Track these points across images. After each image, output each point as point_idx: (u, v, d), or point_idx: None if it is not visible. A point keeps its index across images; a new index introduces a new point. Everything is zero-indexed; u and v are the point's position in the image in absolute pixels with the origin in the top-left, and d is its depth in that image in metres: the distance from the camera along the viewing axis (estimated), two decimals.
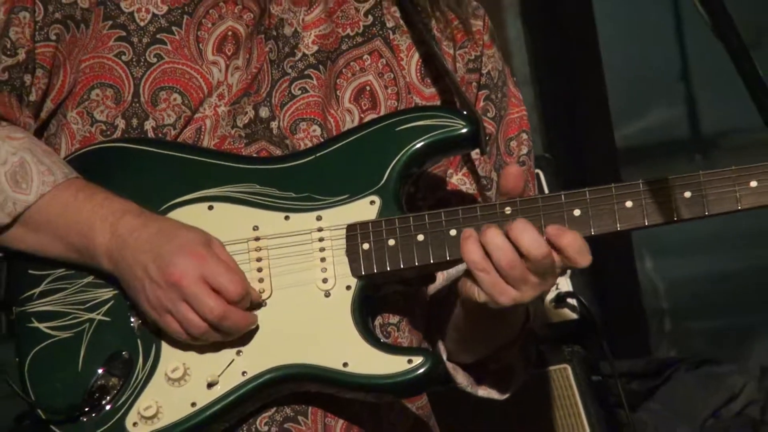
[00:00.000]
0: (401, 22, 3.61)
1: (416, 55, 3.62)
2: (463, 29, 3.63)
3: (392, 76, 3.60)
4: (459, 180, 3.67)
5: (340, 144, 3.51)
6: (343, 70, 3.58)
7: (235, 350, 3.47)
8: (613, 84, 7.03)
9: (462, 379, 3.73)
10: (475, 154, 3.64)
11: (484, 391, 3.73)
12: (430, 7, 3.61)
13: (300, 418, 3.56)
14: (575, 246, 3.35)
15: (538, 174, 5.36)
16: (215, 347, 3.47)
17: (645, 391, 6.15)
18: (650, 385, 6.15)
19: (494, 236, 3.34)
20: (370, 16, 3.60)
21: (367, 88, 3.58)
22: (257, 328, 3.47)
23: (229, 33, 3.54)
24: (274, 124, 3.53)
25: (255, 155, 3.53)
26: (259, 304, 3.47)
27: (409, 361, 3.44)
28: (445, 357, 3.71)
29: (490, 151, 3.66)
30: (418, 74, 3.62)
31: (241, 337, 3.47)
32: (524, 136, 3.73)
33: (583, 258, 3.37)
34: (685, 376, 6.19)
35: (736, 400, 6.10)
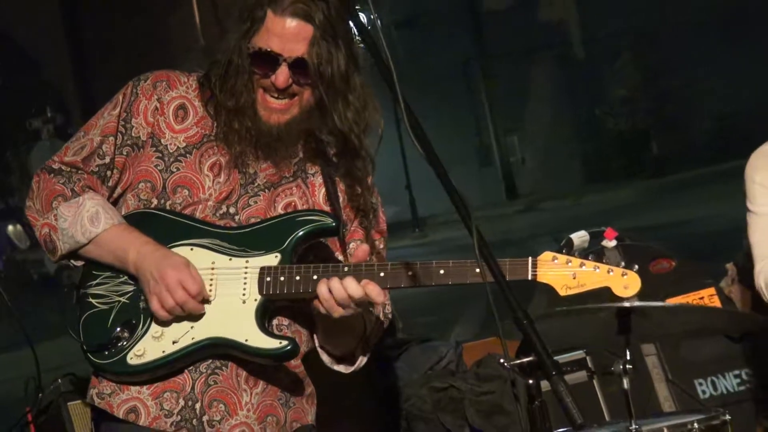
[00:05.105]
0: (318, 169, 3.66)
1: (323, 190, 3.66)
2: (354, 175, 3.68)
3: (306, 199, 3.66)
4: (341, 259, 3.68)
5: (266, 224, 3.59)
6: (280, 193, 3.64)
7: (190, 325, 3.53)
8: None
9: (326, 358, 3.70)
10: (350, 246, 3.68)
11: (338, 367, 3.71)
12: (337, 163, 3.68)
13: (223, 367, 3.56)
14: (376, 291, 3.41)
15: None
16: (180, 324, 3.54)
17: (394, 356, 6.05)
18: (396, 353, 6.07)
19: (336, 283, 3.41)
20: (295, 166, 3.66)
21: (293, 204, 3.64)
22: (204, 314, 3.53)
23: (217, 162, 3.62)
24: (237, 217, 3.60)
25: (223, 225, 3.59)
26: (208, 301, 3.54)
27: (280, 343, 3.50)
28: (317, 344, 3.70)
29: (362, 243, 3.67)
30: (324, 199, 3.67)
31: (195, 318, 3.53)
32: (382, 239, 3.75)
33: (380, 297, 3.43)
34: (415, 348, 6.11)
35: (442, 360, 6.05)
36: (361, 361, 3.70)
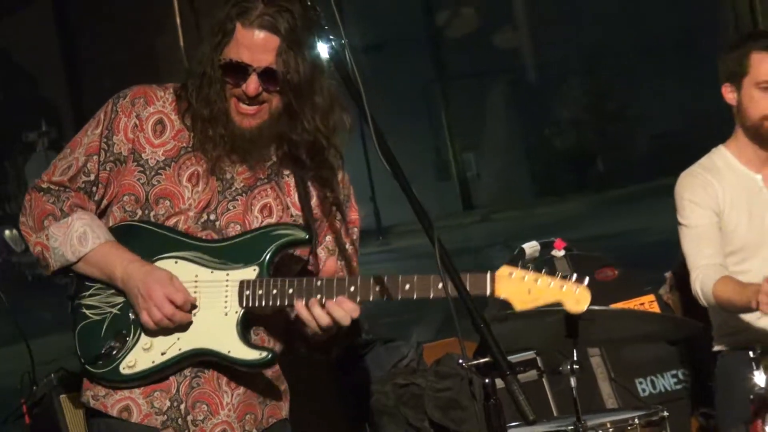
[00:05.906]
0: (291, 172, 3.61)
1: (296, 192, 3.62)
2: (325, 174, 3.62)
3: (280, 200, 3.61)
4: (312, 264, 3.66)
5: (244, 237, 3.54)
6: (257, 196, 3.60)
7: (177, 337, 3.49)
8: None
9: (303, 349, 3.69)
10: (326, 240, 3.62)
11: (315, 354, 3.70)
12: (308, 164, 3.61)
13: (206, 371, 3.55)
14: (350, 306, 3.39)
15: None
16: (167, 335, 3.49)
17: (360, 355, 5.91)
18: (363, 352, 5.93)
19: (318, 311, 3.40)
20: (269, 170, 3.62)
21: (268, 205, 3.60)
22: (189, 327, 3.50)
23: (195, 172, 3.59)
24: (217, 223, 3.56)
25: (204, 237, 3.56)
26: (195, 306, 3.49)
27: (260, 354, 3.48)
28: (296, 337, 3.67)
29: (338, 240, 3.63)
30: (298, 200, 3.61)
31: (181, 330, 3.49)
32: (355, 229, 3.67)
33: (355, 312, 3.39)
34: (379, 348, 5.98)
35: (404, 359, 5.94)
36: (335, 351, 3.68)
